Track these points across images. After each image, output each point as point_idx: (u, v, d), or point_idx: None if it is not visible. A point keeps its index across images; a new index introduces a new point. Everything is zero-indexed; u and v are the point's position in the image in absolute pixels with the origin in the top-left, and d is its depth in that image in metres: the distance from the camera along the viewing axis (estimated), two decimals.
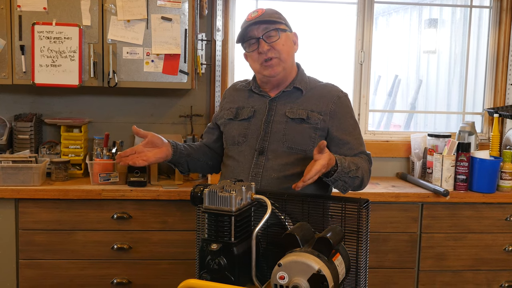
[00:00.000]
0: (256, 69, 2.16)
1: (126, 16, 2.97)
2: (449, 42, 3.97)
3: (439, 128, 4.01)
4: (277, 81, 2.17)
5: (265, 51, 2.09)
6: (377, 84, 4.33)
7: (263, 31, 2.10)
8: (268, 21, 2.10)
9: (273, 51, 2.10)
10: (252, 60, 2.16)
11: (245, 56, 2.24)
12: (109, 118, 3.45)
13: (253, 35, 2.11)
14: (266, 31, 2.09)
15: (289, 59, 2.16)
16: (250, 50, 2.14)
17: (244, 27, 2.12)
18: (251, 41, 2.12)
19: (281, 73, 2.14)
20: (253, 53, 2.13)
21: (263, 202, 1.70)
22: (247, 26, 2.10)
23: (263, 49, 2.09)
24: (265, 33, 2.09)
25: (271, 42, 2.09)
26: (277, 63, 2.11)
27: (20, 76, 2.99)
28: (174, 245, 2.95)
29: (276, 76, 2.14)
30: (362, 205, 1.70)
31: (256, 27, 2.10)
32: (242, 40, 2.15)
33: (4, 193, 2.82)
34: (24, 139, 3.19)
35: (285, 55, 2.13)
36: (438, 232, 3.09)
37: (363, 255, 1.71)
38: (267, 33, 2.09)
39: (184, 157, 2.21)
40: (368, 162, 2.15)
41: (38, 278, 2.90)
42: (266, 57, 2.09)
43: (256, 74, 2.23)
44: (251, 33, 2.11)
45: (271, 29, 2.10)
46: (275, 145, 2.10)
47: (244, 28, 2.12)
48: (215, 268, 1.57)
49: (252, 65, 2.19)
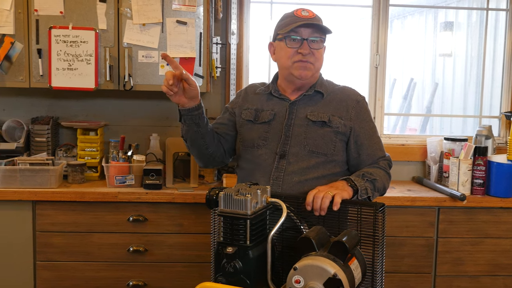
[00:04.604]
0: (286, 65, 2.13)
1: (142, 20, 2.99)
2: (465, 45, 3.94)
3: (456, 132, 3.98)
4: (302, 84, 2.16)
5: (305, 54, 2.08)
6: (392, 87, 4.30)
7: (310, 34, 2.08)
8: (319, 26, 2.09)
9: (312, 57, 2.09)
10: (285, 55, 2.11)
11: (272, 47, 2.21)
12: (125, 121, 3.47)
13: (300, 34, 2.08)
14: (312, 36, 2.08)
15: (319, 69, 2.19)
16: (291, 46, 2.10)
17: (295, 23, 2.07)
18: (296, 38, 2.09)
19: (309, 78, 2.14)
20: (291, 49, 2.10)
21: (278, 206, 1.70)
22: (300, 25, 2.06)
23: (305, 51, 2.07)
24: (311, 37, 2.08)
25: (313, 48, 2.09)
26: (311, 68, 2.11)
27: (37, 80, 3.02)
28: (189, 248, 2.95)
29: (304, 80, 2.13)
30: (378, 209, 1.69)
31: (305, 28, 2.08)
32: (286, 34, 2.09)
33: (21, 195, 2.85)
34: (41, 142, 3.21)
35: (318, 65, 2.14)
36: (455, 236, 3.06)
37: (379, 259, 1.70)
38: (314, 38, 2.09)
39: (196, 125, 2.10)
40: (387, 166, 2.16)
41: (54, 280, 2.92)
42: (303, 60, 2.08)
43: (283, 70, 2.18)
44: (298, 31, 2.08)
45: (319, 36, 2.09)
46: (296, 149, 2.09)
47: (294, 24, 2.07)
48: (231, 271, 1.57)
49: (282, 59, 2.14)
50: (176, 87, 1.96)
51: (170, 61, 1.96)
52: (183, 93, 2.00)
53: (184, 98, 2.01)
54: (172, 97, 1.99)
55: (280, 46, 2.14)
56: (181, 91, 1.99)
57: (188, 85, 1.97)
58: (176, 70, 1.94)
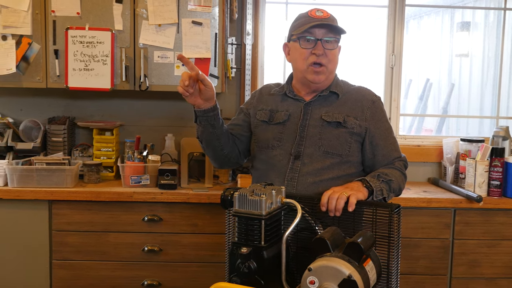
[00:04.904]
0: (301, 68, 2.12)
1: (157, 20, 3.00)
2: (482, 45, 3.90)
3: (472, 133, 3.95)
4: (316, 87, 2.16)
5: (319, 55, 2.07)
6: (408, 87, 4.27)
7: (324, 34, 2.07)
8: (333, 27, 2.08)
9: (325, 58, 2.08)
10: (300, 57, 2.11)
11: (287, 47, 2.20)
12: (140, 121, 3.49)
13: (314, 35, 2.07)
14: (326, 36, 2.07)
15: (334, 71, 2.17)
16: (305, 46, 2.09)
17: (309, 23, 2.06)
18: (310, 38, 2.08)
19: (323, 82, 2.13)
20: (306, 50, 2.10)
21: (293, 206, 1.69)
22: (314, 25, 2.06)
23: (319, 52, 2.07)
24: (325, 37, 2.08)
25: (327, 48, 2.08)
26: (324, 72, 2.10)
27: (54, 80, 3.05)
28: (203, 248, 2.96)
29: (318, 84, 2.13)
30: (394, 210, 1.68)
31: (319, 28, 2.07)
32: (300, 35, 2.09)
33: (38, 194, 2.88)
34: (58, 142, 3.24)
35: (332, 66, 2.13)
36: (471, 238, 3.03)
37: (394, 261, 1.69)
38: (328, 39, 2.08)
39: (211, 126, 2.10)
40: (403, 167, 2.15)
41: (70, 279, 2.95)
42: (317, 61, 2.08)
43: (297, 73, 2.18)
44: (312, 32, 2.07)
45: (333, 36, 2.09)
46: (311, 150, 2.08)
47: (308, 24, 2.06)
48: (245, 272, 1.57)
49: (298, 61, 2.13)
50: (192, 88, 1.96)
51: (186, 62, 1.97)
52: (199, 94, 2.00)
53: (199, 99, 2.01)
54: (187, 98, 2.00)
55: (295, 47, 2.14)
56: (196, 92, 1.99)
57: (204, 86, 1.97)
58: (192, 71, 1.94)
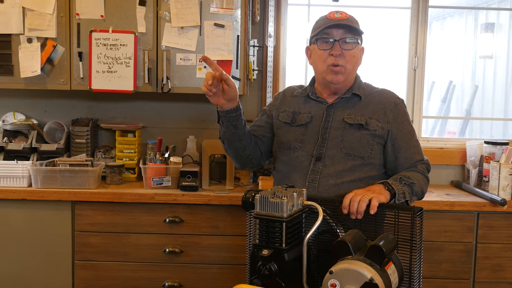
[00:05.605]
0: (321, 69, 2.13)
1: (180, 23, 3.02)
2: (507, 47, 3.85)
3: (496, 135, 3.89)
4: (335, 88, 2.16)
5: (336, 55, 2.07)
6: (430, 90, 4.24)
7: (342, 35, 2.08)
8: (350, 27, 2.08)
9: (342, 59, 2.08)
10: (320, 59, 2.12)
11: (309, 50, 2.21)
12: (162, 123, 3.51)
13: (331, 36, 2.08)
14: (344, 37, 2.08)
15: (353, 71, 2.17)
16: (322, 48, 2.10)
17: (326, 25, 2.08)
18: (327, 39, 2.09)
19: (342, 82, 2.13)
20: (324, 51, 2.10)
21: (314, 209, 1.69)
22: (330, 26, 2.07)
23: (336, 52, 2.07)
24: (343, 37, 2.08)
25: (345, 49, 2.08)
26: (342, 72, 2.10)
27: (78, 82, 3.08)
28: (224, 249, 2.96)
29: (337, 84, 2.12)
30: (416, 213, 1.67)
31: (336, 29, 2.08)
32: (318, 36, 2.11)
33: (61, 195, 2.91)
34: (81, 143, 3.28)
35: (351, 66, 2.12)
36: (494, 242, 2.99)
37: (416, 264, 1.68)
38: (345, 39, 2.08)
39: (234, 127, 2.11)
40: (426, 170, 2.13)
41: (92, 279, 2.97)
42: (335, 62, 2.08)
43: (317, 74, 2.19)
44: (330, 33, 2.08)
45: (350, 36, 2.08)
46: (332, 151, 2.08)
47: (325, 26, 2.08)
48: (266, 274, 1.58)
49: (317, 63, 2.15)
50: (215, 87, 1.97)
51: (210, 63, 1.98)
52: (222, 94, 2.01)
53: (222, 100, 2.02)
54: (211, 97, 2.01)
55: (314, 49, 2.15)
56: (220, 92, 2.00)
57: (227, 86, 1.98)
58: (216, 72, 1.95)
